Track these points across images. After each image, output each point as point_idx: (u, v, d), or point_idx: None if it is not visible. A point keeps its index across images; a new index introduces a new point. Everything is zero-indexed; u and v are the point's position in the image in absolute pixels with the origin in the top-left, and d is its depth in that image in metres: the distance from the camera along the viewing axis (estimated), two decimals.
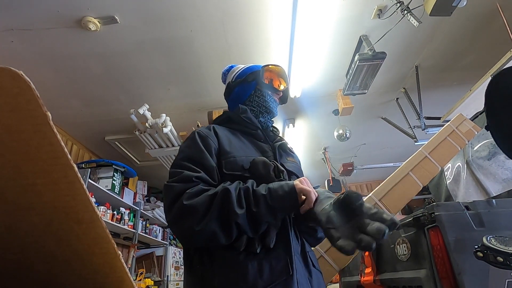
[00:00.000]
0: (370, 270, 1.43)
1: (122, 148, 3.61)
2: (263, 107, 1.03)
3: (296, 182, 0.76)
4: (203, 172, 0.80)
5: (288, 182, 0.77)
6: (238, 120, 0.99)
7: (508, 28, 2.04)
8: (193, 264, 0.79)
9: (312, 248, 1.26)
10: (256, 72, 1.07)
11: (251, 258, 0.74)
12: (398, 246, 1.25)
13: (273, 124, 1.13)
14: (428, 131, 2.88)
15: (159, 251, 4.41)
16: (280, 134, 1.12)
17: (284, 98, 1.12)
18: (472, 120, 1.72)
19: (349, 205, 0.64)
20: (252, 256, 0.74)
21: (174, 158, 3.51)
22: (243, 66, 1.13)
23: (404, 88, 3.05)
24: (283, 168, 0.85)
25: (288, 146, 1.06)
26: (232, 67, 1.17)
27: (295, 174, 0.95)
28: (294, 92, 2.81)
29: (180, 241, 0.78)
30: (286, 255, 0.76)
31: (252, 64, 1.12)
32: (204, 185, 0.78)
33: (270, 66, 1.10)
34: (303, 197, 0.74)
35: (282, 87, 1.10)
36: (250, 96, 1.04)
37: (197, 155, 0.83)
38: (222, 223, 0.71)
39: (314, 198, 0.73)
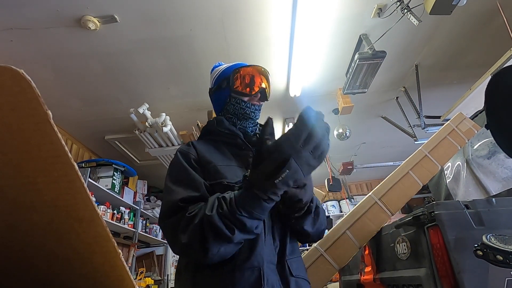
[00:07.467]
0: (370, 268, 1.43)
1: (122, 147, 3.61)
2: (239, 114, 0.98)
3: None
4: (191, 189, 0.79)
5: None
6: (216, 132, 0.98)
7: (508, 27, 2.04)
8: (181, 269, 0.82)
9: (314, 245, 1.23)
10: (228, 76, 1.00)
11: (227, 268, 0.73)
12: (398, 245, 1.26)
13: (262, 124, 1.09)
14: (428, 130, 2.88)
15: (159, 250, 4.42)
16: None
17: (263, 97, 1.01)
18: (472, 119, 1.71)
19: None
20: (228, 266, 0.73)
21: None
22: (222, 67, 1.06)
23: (404, 87, 3.05)
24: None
25: None
26: (215, 67, 1.11)
27: None
28: (294, 91, 2.81)
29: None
30: (259, 266, 0.74)
31: (232, 63, 1.04)
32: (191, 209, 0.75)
33: (240, 68, 1.00)
34: None
35: (257, 89, 0.99)
36: (226, 104, 1.01)
37: (183, 173, 0.83)
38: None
39: None
